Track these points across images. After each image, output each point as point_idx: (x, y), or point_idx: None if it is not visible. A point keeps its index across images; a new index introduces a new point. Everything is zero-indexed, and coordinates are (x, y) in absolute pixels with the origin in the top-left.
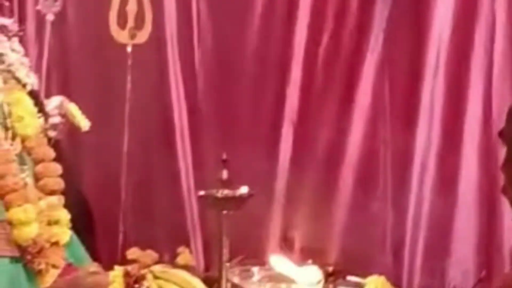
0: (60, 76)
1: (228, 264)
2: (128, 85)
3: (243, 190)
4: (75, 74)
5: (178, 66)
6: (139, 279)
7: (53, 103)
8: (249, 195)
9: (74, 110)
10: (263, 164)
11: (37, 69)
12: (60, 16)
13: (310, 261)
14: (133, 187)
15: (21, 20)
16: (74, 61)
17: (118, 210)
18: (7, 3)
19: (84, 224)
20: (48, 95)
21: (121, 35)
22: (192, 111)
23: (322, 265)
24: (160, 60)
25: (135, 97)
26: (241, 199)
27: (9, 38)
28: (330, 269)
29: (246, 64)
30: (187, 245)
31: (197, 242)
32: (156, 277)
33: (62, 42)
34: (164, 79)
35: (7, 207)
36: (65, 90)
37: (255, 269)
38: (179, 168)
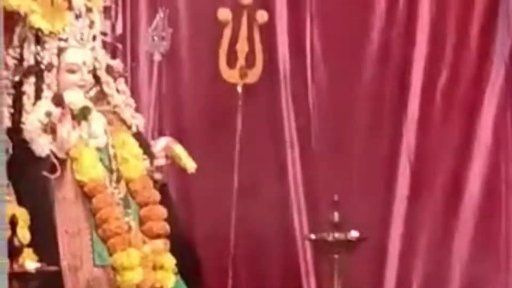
0: (170, 116)
1: None
2: (239, 126)
3: (355, 233)
4: (185, 114)
5: (291, 105)
6: None
7: (159, 144)
8: (362, 239)
9: (180, 151)
10: (378, 205)
11: (147, 110)
12: (169, 56)
13: None
14: (243, 230)
15: (133, 61)
16: (184, 101)
17: (227, 254)
18: (120, 46)
19: (191, 269)
20: (160, 135)
21: (231, 75)
22: (306, 151)
23: None
24: (273, 100)
25: (245, 138)
26: (353, 242)
27: (115, 79)
28: None
29: (361, 101)
30: None
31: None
32: None
33: (172, 82)
34: (276, 119)
35: (111, 252)
36: (176, 131)
37: None
38: (292, 210)
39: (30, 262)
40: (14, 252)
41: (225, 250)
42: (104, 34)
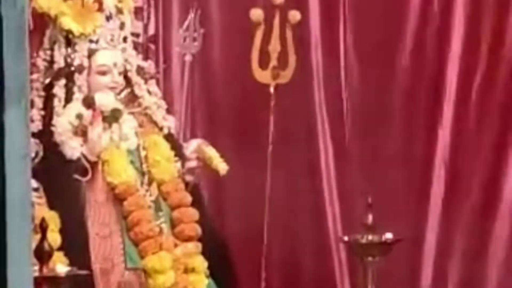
0: (202, 118)
1: None
2: (271, 127)
3: (389, 235)
4: (217, 116)
5: (324, 106)
6: None
7: (191, 146)
8: (396, 241)
9: (212, 153)
10: (413, 208)
11: (179, 111)
12: (201, 57)
13: None
14: (276, 232)
15: (166, 62)
16: (216, 102)
17: (260, 256)
18: (153, 46)
19: (223, 272)
20: (192, 137)
21: (263, 75)
22: (339, 153)
23: None
24: (306, 101)
25: (278, 139)
26: (387, 245)
27: (146, 80)
28: None
29: (395, 104)
30: None
31: None
32: None
33: (204, 83)
34: (309, 121)
35: (142, 255)
36: (208, 132)
37: None
38: (326, 213)
39: (60, 266)
40: (44, 256)
41: (258, 252)
42: (136, 35)
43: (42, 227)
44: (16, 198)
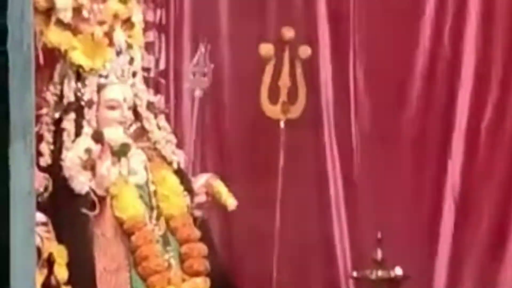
0: (212, 153)
1: None
2: (281, 162)
3: (398, 271)
4: (227, 151)
5: (334, 141)
6: None
7: (200, 181)
8: (405, 277)
9: (220, 188)
10: (423, 242)
11: (188, 146)
12: (211, 92)
13: None
14: (286, 267)
15: (176, 97)
16: (225, 137)
17: None
18: (163, 81)
19: None
20: (202, 171)
21: (272, 110)
22: (349, 188)
23: None
24: (315, 135)
25: (288, 174)
26: (396, 281)
27: (156, 115)
28: None
29: (405, 137)
30: None
31: None
32: None
33: (213, 118)
34: (319, 155)
35: None
36: (217, 167)
37: None
38: (335, 247)
39: None
40: None
41: (266, 286)
42: (147, 69)
43: (49, 262)
44: (20, 234)
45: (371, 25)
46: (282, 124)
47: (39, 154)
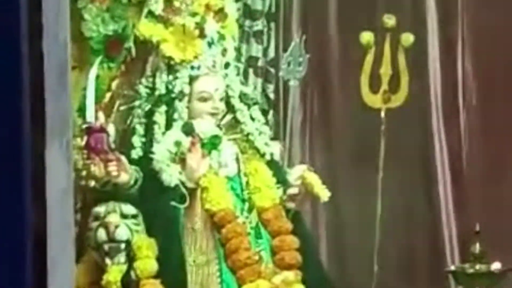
0: (313, 144)
1: None
2: (382, 151)
3: (497, 265)
4: (327, 141)
5: (442, 128)
6: None
7: (295, 172)
8: (504, 271)
9: (313, 179)
10: None
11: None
12: (311, 81)
13: None
14: (388, 261)
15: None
16: (326, 127)
17: (370, 285)
18: (272, 70)
19: None
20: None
21: (373, 100)
22: (457, 180)
23: None
24: (421, 124)
25: (389, 164)
26: (495, 275)
27: (249, 106)
28: None
29: None
30: None
31: None
32: None
33: (313, 108)
34: (425, 145)
35: (240, 283)
36: (319, 158)
37: None
38: (443, 241)
39: None
40: (131, 286)
41: (366, 281)
42: (255, 58)
43: (129, 257)
44: (57, 232)
45: (479, 8)
46: (383, 113)
47: (131, 146)
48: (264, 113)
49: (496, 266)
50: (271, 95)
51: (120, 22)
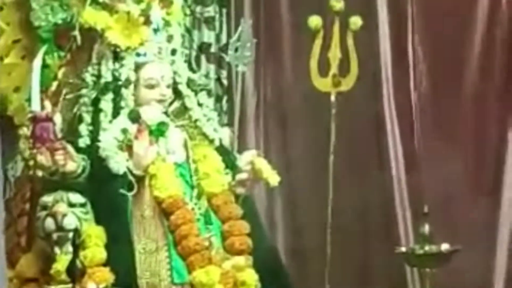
0: (262, 128)
1: None
2: (332, 135)
3: (445, 246)
4: (277, 125)
5: (394, 111)
6: None
7: (244, 158)
8: (453, 251)
9: (262, 165)
10: (482, 212)
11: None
12: (259, 65)
13: None
14: (340, 244)
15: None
16: (275, 111)
17: (323, 267)
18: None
19: (276, 285)
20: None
21: (323, 83)
22: (410, 162)
23: None
24: (372, 107)
25: (340, 148)
26: (444, 255)
27: (196, 93)
28: None
29: (465, 105)
30: None
31: None
32: None
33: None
34: (377, 127)
35: (190, 269)
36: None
37: None
38: (397, 222)
39: (92, 285)
40: (76, 274)
41: (317, 262)
42: (207, 44)
43: (75, 245)
44: None
45: None
46: (332, 97)
47: (78, 135)
48: (218, 99)
49: (445, 247)
50: (225, 81)
51: (69, 10)
